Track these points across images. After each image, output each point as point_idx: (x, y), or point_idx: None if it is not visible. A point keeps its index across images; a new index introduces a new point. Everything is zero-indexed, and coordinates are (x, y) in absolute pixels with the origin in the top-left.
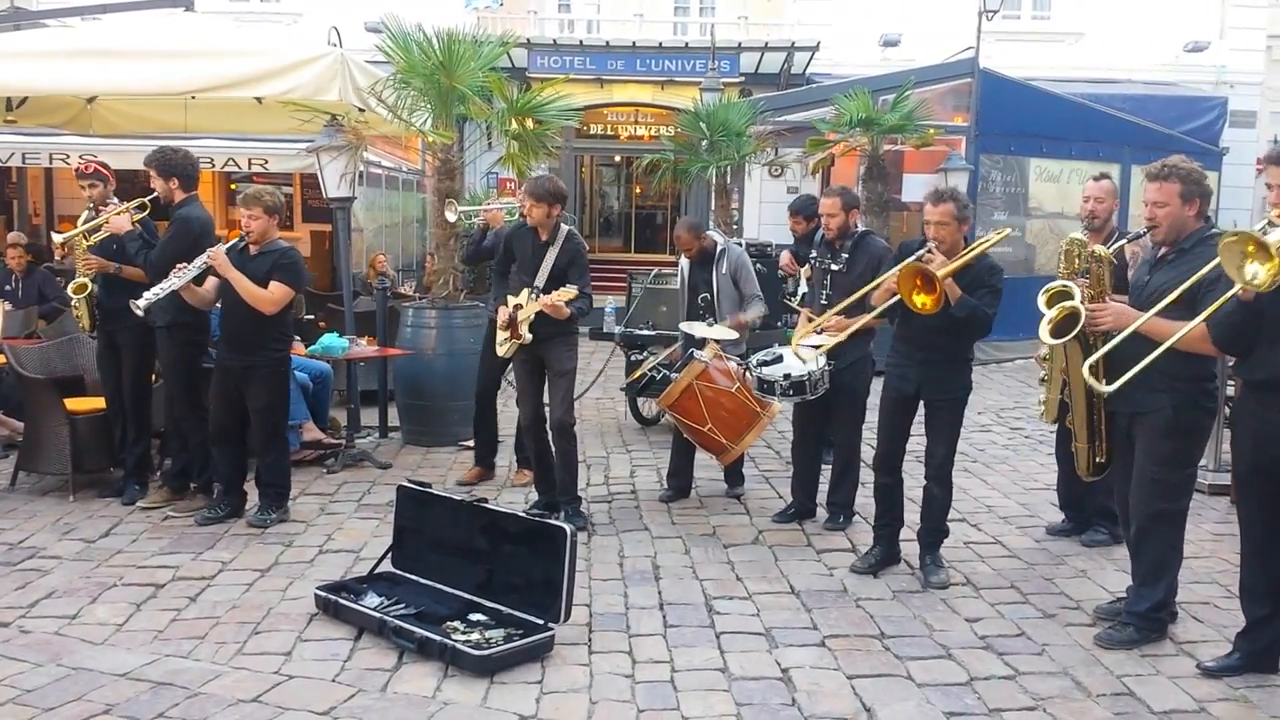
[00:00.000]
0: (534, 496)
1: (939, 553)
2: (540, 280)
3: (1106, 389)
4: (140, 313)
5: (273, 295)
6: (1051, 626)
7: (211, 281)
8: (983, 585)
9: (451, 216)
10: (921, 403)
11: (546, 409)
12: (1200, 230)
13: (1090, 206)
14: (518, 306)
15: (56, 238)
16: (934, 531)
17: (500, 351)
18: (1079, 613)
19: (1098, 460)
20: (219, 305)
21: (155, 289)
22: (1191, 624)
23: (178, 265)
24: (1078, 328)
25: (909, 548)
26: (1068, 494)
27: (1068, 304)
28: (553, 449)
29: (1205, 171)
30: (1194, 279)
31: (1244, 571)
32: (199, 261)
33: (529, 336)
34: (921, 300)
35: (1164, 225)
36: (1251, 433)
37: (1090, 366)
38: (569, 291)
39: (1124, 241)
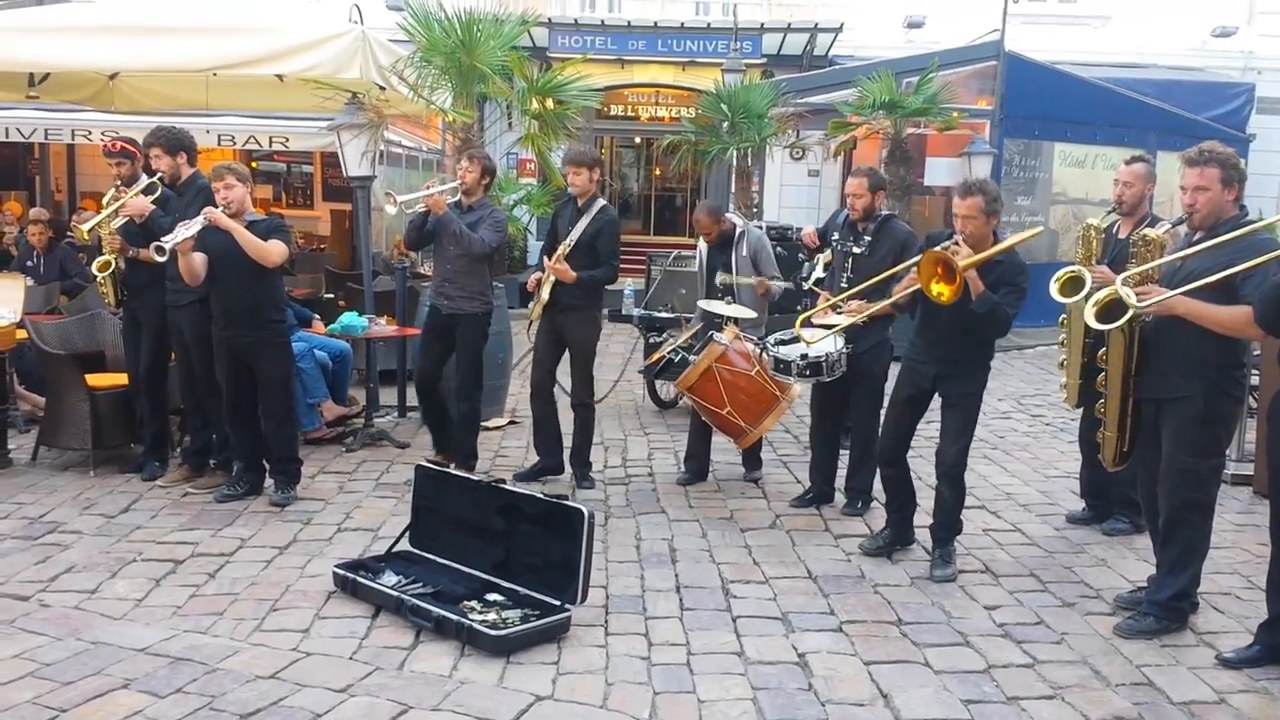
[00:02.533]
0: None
1: (950, 547)
2: (565, 248)
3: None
4: (162, 258)
5: (275, 248)
6: (1071, 615)
7: (199, 257)
8: (1002, 573)
9: (391, 210)
10: (937, 399)
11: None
12: (1236, 216)
13: (1118, 190)
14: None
15: (83, 228)
16: (944, 528)
17: (531, 315)
18: (1098, 601)
19: (1123, 450)
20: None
21: (170, 236)
22: (1212, 615)
23: (182, 221)
24: (1128, 315)
25: (925, 534)
26: (1089, 482)
27: (1112, 289)
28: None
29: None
30: (1242, 266)
31: (1274, 567)
32: (200, 219)
33: (545, 297)
34: (939, 290)
35: (1203, 210)
36: None
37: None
38: (573, 235)
39: (1169, 226)
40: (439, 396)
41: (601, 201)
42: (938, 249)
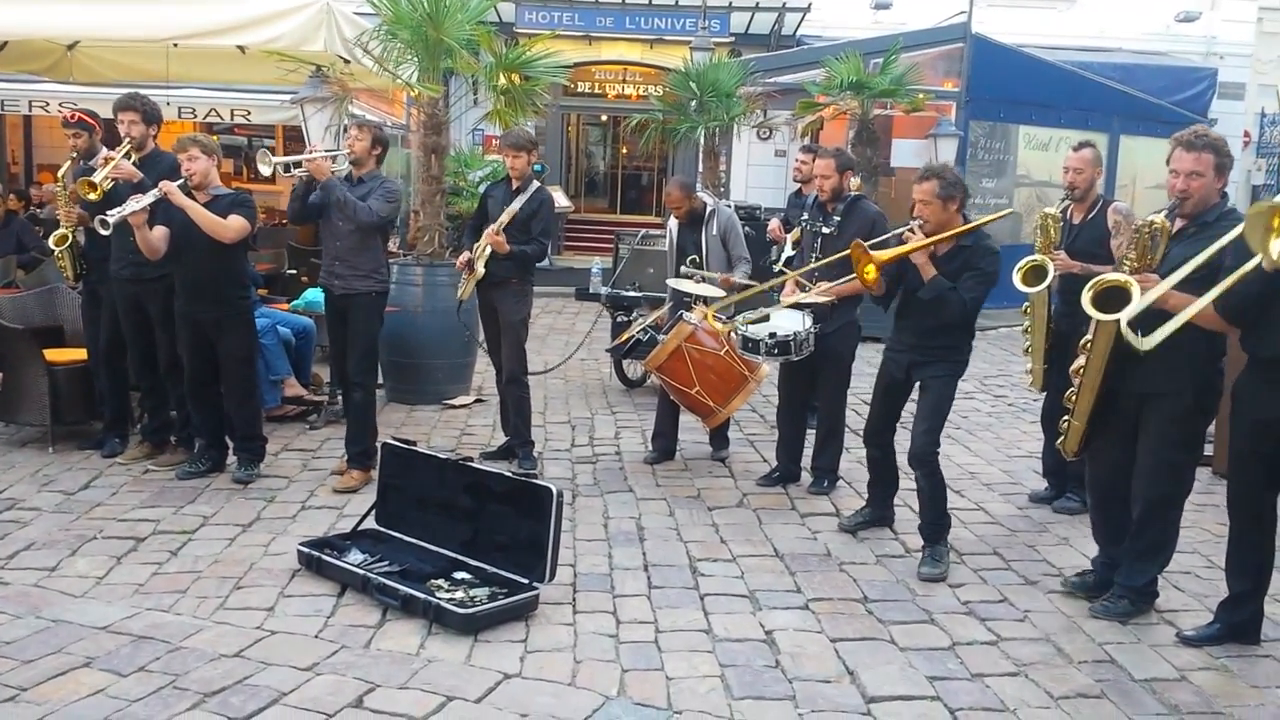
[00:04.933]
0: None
1: (941, 547)
2: (509, 216)
3: (1145, 344)
4: (105, 231)
5: (232, 223)
6: (1033, 593)
7: (160, 231)
8: (965, 551)
9: (265, 169)
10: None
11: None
12: (1221, 204)
13: (1070, 177)
14: (478, 248)
15: (95, 179)
16: (930, 523)
17: (460, 293)
18: (1061, 579)
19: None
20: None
21: (115, 211)
22: (1173, 593)
23: (134, 194)
24: (1132, 306)
25: (902, 513)
26: (1052, 461)
27: (1111, 278)
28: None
29: None
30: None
31: (1231, 546)
32: (154, 192)
33: (482, 271)
34: (867, 270)
35: (1196, 196)
36: (1252, 411)
37: (1129, 324)
38: (509, 211)
39: (1159, 215)
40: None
41: (537, 183)
42: (891, 236)
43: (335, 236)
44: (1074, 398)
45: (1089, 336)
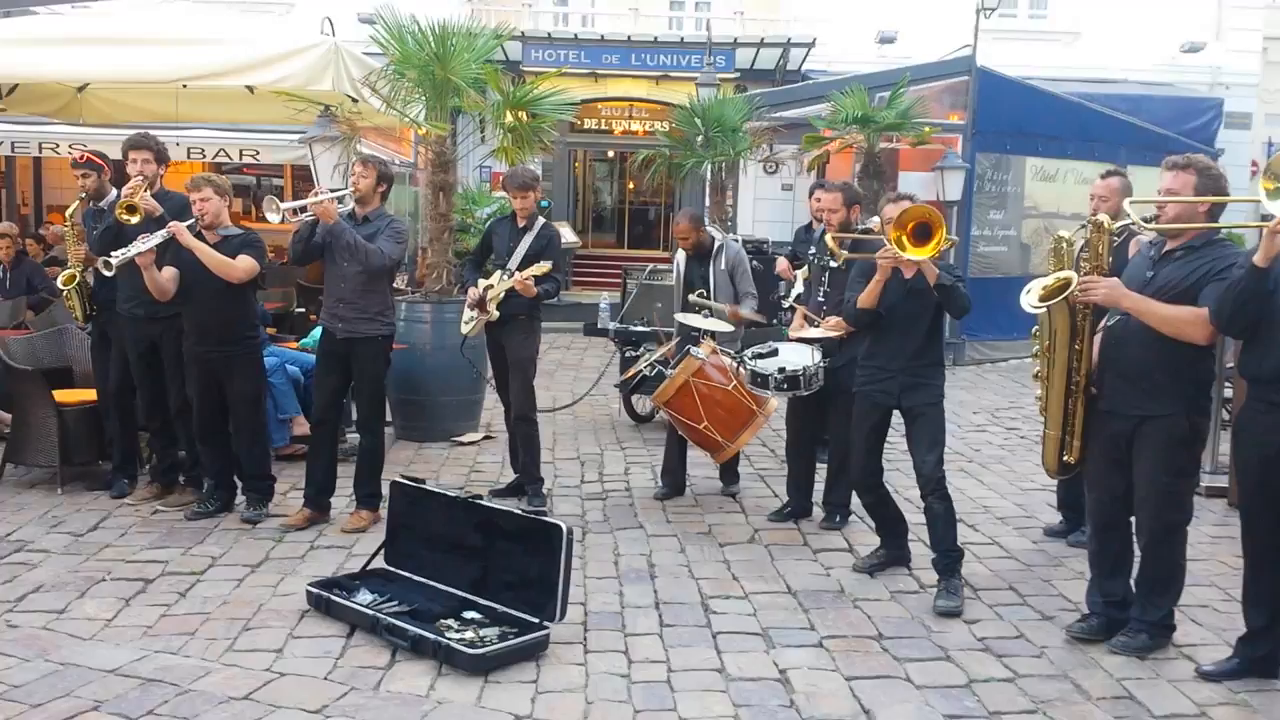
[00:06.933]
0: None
1: (955, 580)
2: (514, 263)
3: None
4: (109, 272)
5: (241, 263)
6: (1050, 629)
7: (170, 272)
8: (981, 587)
9: (274, 217)
10: (901, 417)
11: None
12: (1210, 231)
13: (1094, 204)
14: (488, 287)
15: (136, 200)
16: (946, 555)
17: (464, 330)
18: (1077, 615)
19: (1065, 459)
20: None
21: (120, 251)
22: (1191, 627)
23: (141, 235)
24: (1066, 292)
25: (917, 548)
26: (1067, 493)
27: (1062, 274)
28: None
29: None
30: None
31: (1248, 580)
32: (162, 232)
33: (496, 314)
34: (911, 251)
35: (1170, 215)
36: (1261, 446)
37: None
38: (543, 266)
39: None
40: (332, 438)
41: (542, 219)
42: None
43: (340, 278)
44: (1044, 407)
45: (1046, 340)
